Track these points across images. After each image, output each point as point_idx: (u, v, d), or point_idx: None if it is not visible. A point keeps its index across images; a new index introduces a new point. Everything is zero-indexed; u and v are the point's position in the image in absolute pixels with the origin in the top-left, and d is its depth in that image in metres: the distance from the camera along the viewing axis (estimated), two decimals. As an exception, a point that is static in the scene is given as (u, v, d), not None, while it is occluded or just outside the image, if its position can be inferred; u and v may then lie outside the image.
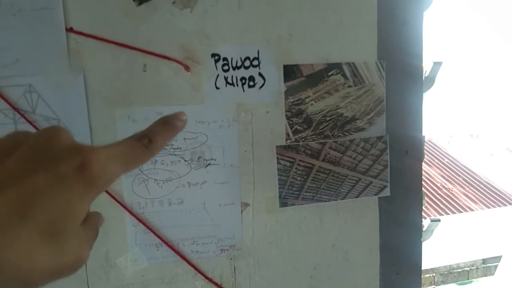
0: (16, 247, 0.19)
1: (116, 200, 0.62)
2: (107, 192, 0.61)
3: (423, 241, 0.84)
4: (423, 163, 0.74)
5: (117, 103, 0.61)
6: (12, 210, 0.20)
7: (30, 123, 0.58)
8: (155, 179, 0.64)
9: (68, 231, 0.21)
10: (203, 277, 0.66)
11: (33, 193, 0.21)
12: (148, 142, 0.25)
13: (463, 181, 6.35)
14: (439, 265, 4.89)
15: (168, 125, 0.27)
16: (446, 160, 6.88)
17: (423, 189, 0.74)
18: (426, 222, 0.78)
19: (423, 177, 0.75)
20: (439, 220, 0.78)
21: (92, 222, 0.24)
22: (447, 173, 6.51)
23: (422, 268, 0.78)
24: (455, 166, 6.75)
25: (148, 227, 0.64)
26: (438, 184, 6.03)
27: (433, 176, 6.26)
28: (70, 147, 0.23)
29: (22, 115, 0.58)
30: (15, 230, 0.19)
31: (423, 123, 0.74)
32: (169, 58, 0.61)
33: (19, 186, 0.20)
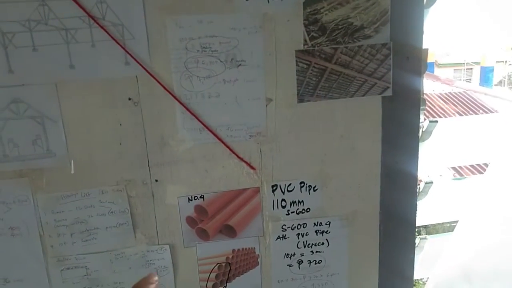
0: None
1: (169, 92, 0.79)
2: (162, 85, 0.78)
3: (423, 141, 0.98)
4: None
5: (168, 12, 0.76)
6: None
7: (101, 27, 0.75)
8: (197, 76, 0.80)
9: None
10: (236, 156, 0.84)
11: None
12: None
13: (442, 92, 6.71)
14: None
15: None
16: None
17: (421, 91, 0.86)
18: (425, 123, 0.90)
19: (422, 82, 0.88)
20: (437, 121, 0.90)
21: None
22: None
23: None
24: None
25: (193, 114, 0.80)
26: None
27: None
28: None
29: (95, 21, 0.74)
30: None
31: (423, 34, 0.85)
32: (207, -26, 0.75)
33: None
